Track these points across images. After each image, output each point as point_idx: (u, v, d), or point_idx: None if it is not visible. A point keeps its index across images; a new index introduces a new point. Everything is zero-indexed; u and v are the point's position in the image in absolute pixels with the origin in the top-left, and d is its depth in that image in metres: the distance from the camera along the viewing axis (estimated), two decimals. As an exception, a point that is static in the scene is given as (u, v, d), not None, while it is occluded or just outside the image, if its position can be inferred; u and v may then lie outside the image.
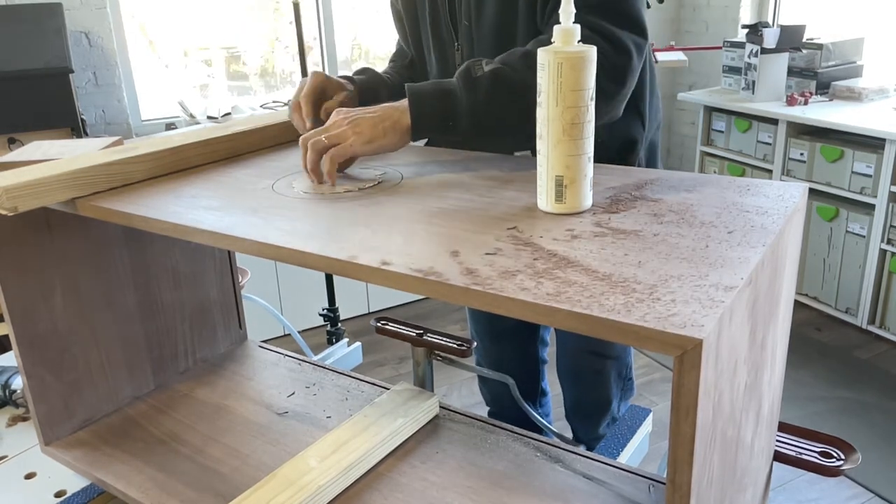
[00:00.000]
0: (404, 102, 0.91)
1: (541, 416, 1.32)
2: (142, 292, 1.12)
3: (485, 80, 0.90)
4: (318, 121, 1.01)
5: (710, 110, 3.33)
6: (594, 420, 1.46)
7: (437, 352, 1.14)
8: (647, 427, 1.13)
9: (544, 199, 0.73)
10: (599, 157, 0.92)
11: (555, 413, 1.72)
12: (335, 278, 2.50)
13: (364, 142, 0.89)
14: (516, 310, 0.55)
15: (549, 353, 1.59)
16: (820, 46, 3.01)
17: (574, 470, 0.90)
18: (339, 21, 3.47)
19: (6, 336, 0.99)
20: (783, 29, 2.96)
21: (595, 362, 1.41)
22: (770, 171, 3.02)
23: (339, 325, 2.42)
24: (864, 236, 2.68)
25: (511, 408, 1.26)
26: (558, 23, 0.69)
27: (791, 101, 2.95)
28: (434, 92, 0.92)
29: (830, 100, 2.98)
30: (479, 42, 1.10)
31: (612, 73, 0.93)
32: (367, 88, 1.12)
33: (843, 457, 0.80)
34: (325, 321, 2.42)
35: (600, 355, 1.40)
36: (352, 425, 0.96)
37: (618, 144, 1.16)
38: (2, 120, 2.41)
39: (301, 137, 0.91)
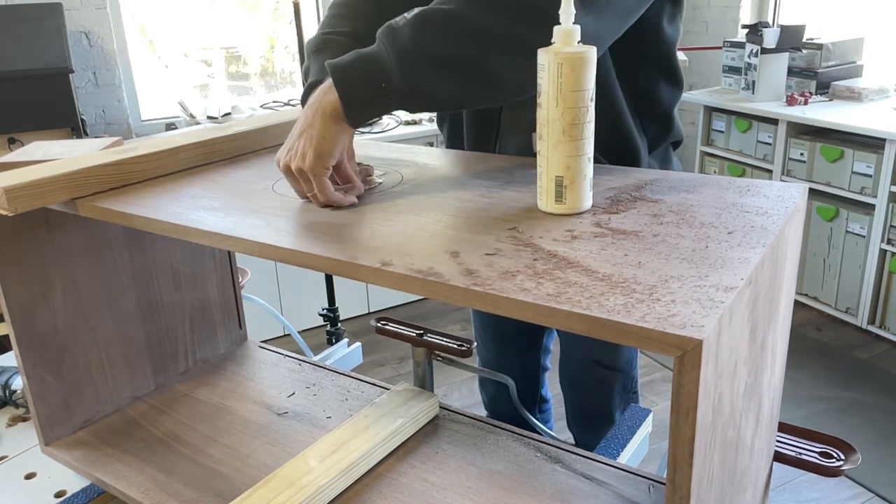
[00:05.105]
0: (328, 81, 0.83)
1: (540, 422, 1.31)
2: (142, 292, 1.12)
3: (407, 25, 0.80)
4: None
5: (710, 110, 3.33)
6: (594, 430, 1.43)
7: (437, 352, 1.14)
8: (647, 427, 1.13)
9: (544, 199, 0.73)
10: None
11: (557, 419, 1.72)
12: (335, 278, 2.50)
13: (315, 160, 0.80)
14: (516, 310, 0.55)
15: (553, 360, 1.58)
16: (820, 46, 3.01)
17: (574, 470, 0.90)
18: (339, 21, 3.47)
19: (6, 336, 0.99)
20: (783, 29, 2.96)
21: (599, 373, 1.38)
22: (770, 172, 3.02)
23: (339, 325, 2.42)
24: (864, 236, 2.68)
25: (509, 412, 1.26)
26: None
27: (791, 101, 2.95)
28: (355, 57, 0.82)
29: (830, 100, 2.98)
30: None
31: None
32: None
33: (843, 457, 0.80)
34: (325, 321, 2.42)
35: (605, 366, 1.37)
36: (352, 425, 0.96)
37: (616, 155, 1.06)
38: (2, 120, 2.41)
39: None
